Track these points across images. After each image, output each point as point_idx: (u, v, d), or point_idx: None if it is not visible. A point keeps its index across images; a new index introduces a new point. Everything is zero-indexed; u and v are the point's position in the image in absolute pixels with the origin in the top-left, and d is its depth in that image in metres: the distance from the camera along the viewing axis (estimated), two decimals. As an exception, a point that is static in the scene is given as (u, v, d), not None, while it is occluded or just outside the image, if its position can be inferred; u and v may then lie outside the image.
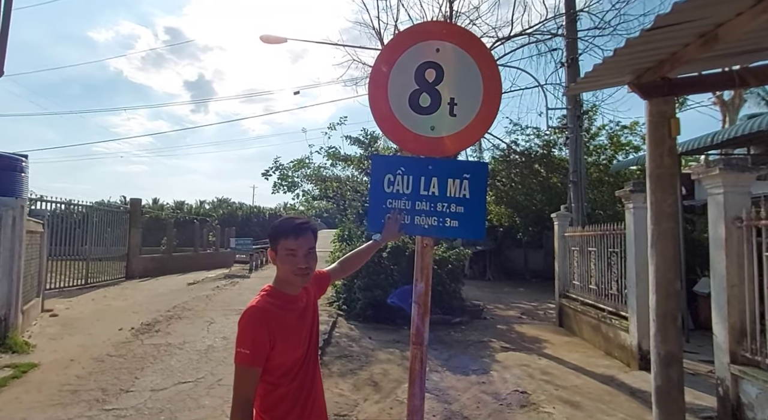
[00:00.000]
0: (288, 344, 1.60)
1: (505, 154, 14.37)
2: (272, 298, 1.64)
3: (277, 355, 1.56)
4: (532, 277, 17.95)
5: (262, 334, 1.53)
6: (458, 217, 2.24)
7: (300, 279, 1.65)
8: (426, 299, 2.28)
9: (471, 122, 2.25)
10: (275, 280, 1.69)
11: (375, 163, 2.34)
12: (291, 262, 1.62)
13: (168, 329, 7.17)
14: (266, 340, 1.53)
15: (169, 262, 16.76)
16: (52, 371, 5.10)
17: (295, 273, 1.63)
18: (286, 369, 1.61)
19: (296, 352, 1.64)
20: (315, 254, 1.70)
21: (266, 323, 1.55)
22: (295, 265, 1.62)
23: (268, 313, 1.57)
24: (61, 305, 9.22)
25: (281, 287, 1.67)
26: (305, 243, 1.65)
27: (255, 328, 1.54)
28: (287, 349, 1.60)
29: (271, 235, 1.70)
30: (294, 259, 1.62)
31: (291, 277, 1.64)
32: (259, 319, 1.55)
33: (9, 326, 6.07)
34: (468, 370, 5.67)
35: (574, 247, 8.15)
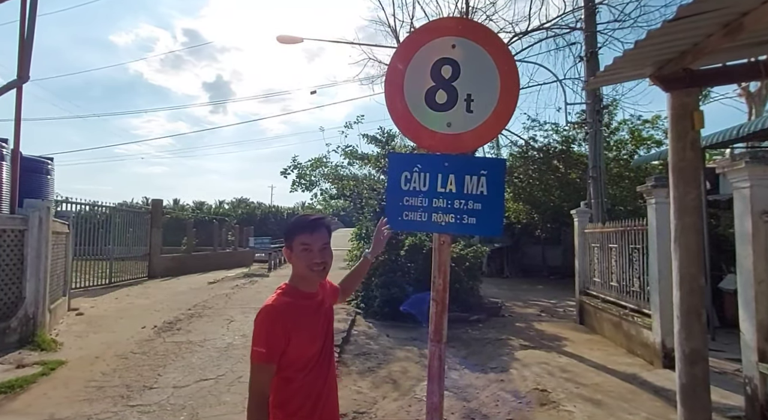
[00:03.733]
0: (304, 339, 1.60)
1: (523, 151, 14.23)
2: (288, 296, 1.64)
3: (292, 350, 1.56)
4: (551, 274, 17.74)
5: (276, 332, 1.54)
6: (476, 214, 2.23)
7: (316, 274, 1.66)
8: (444, 296, 2.27)
9: (488, 118, 2.23)
10: (291, 278, 1.70)
11: (392, 161, 2.34)
12: (307, 258, 1.63)
13: (189, 327, 7.30)
14: (281, 337, 1.54)
15: (189, 262, 17.04)
16: (78, 368, 5.24)
17: (311, 268, 1.64)
18: (302, 364, 1.61)
19: (312, 348, 1.64)
20: (330, 251, 1.71)
21: (281, 321, 1.55)
22: (311, 259, 1.63)
23: (284, 311, 1.58)
24: (87, 304, 9.45)
25: (297, 284, 1.68)
26: (320, 238, 1.66)
27: (270, 326, 1.55)
28: (303, 344, 1.60)
29: (287, 233, 1.71)
30: (310, 254, 1.63)
31: (307, 273, 1.65)
32: (274, 318, 1.56)
33: (37, 324, 6.26)
34: (486, 367, 5.64)
35: (594, 243, 8.02)
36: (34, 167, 8.25)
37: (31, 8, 7.31)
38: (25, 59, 7.32)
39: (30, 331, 6.14)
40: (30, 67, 7.41)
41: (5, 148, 7.24)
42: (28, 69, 7.38)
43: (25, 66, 7.33)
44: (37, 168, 8.37)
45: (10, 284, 6.04)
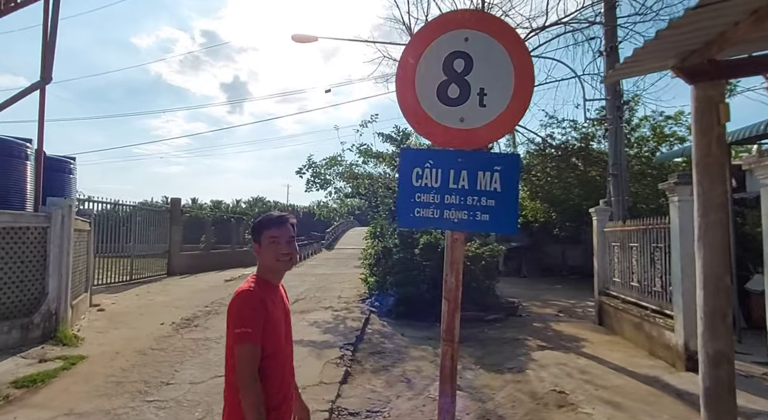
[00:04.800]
0: (273, 325, 1.69)
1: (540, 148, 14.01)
2: (258, 285, 1.72)
3: (266, 334, 1.65)
4: (570, 273, 17.45)
5: (257, 315, 1.62)
6: (489, 210, 2.18)
7: (283, 265, 1.78)
8: (456, 294, 2.22)
9: (502, 113, 2.17)
10: (258, 270, 1.80)
11: (403, 157, 2.30)
12: (275, 250, 1.75)
13: (206, 324, 7.38)
14: (261, 320, 1.63)
15: (207, 259, 17.28)
16: (98, 363, 5.34)
17: (278, 259, 1.75)
18: (272, 350, 1.69)
19: (280, 335, 1.74)
20: (295, 244, 1.84)
21: (258, 304, 1.65)
22: (279, 251, 1.75)
23: (258, 296, 1.67)
24: (108, 300, 9.65)
25: (264, 276, 1.78)
26: (286, 232, 1.79)
27: (250, 309, 1.63)
28: (273, 330, 1.69)
29: (256, 228, 1.81)
30: (278, 247, 1.75)
31: (275, 264, 1.76)
32: (252, 301, 1.65)
33: (59, 320, 6.41)
34: (503, 368, 5.56)
35: (615, 242, 7.84)
36: (57, 166, 8.46)
37: (53, 11, 7.48)
38: (48, 61, 7.49)
39: (52, 327, 6.29)
40: (53, 68, 7.58)
41: (29, 148, 7.43)
42: (51, 70, 7.55)
43: (48, 67, 7.51)
44: (60, 167, 8.58)
45: (33, 280, 6.19)
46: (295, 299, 9.77)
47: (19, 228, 6.03)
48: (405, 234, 9.43)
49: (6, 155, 6.89)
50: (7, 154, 6.92)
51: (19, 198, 7.11)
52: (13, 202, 6.93)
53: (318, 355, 5.72)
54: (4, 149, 6.85)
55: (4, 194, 6.88)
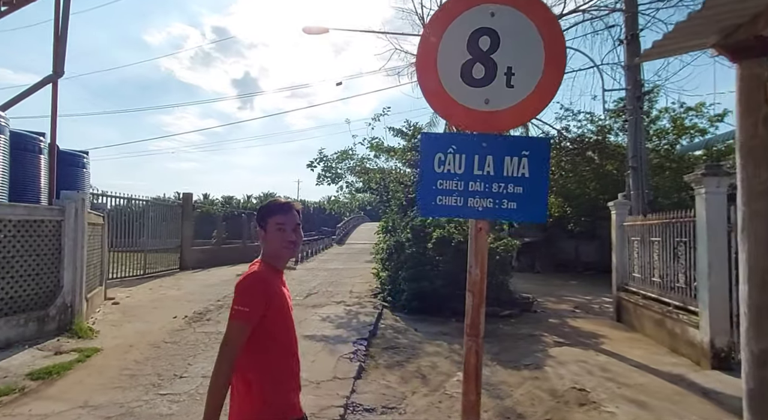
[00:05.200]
0: (279, 307, 1.71)
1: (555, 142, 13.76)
2: (264, 269, 1.74)
3: (271, 314, 1.66)
4: (584, 269, 17.17)
5: (259, 298, 1.63)
6: (516, 198, 2.05)
7: (288, 251, 1.79)
8: (481, 287, 2.11)
9: (531, 94, 2.04)
10: (263, 255, 1.79)
11: (424, 142, 2.17)
12: (281, 237, 1.75)
13: (218, 318, 7.35)
14: (263, 301, 1.64)
15: (219, 254, 17.34)
16: (112, 356, 5.32)
17: (284, 246, 1.76)
18: (279, 330, 1.72)
19: (285, 317, 1.76)
20: (301, 232, 1.83)
21: (263, 286, 1.67)
22: (284, 238, 1.75)
23: (264, 279, 1.70)
24: (122, 294, 9.70)
25: (269, 261, 1.78)
26: (293, 219, 1.78)
27: (254, 291, 1.64)
28: (279, 311, 1.71)
29: (262, 214, 1.79)
30: (283, 234, 1.75)
31: (280, 251, 1.77)
32: (258, 283, 1.66)
33: (74, 312, 6.41)
34: (520, 364, 5.42)
35: (634, 237, 7.63)
36: (71, 160, 8.49)
37: (64, 5, 7.47)
38: (60, 55, 7.49)
39: (68, 319, 6.30)
40: (65, 62, 7.58)
41: (43, 141, 7.44)
42: (62, 64, 7.55)
43: (60, 61, 7.51)
44: (74, 161, 8.61)
45: (48, 273, 6.20)
46: (307, 294, 9.72)
47: (34, 221, 6.03)
48: (417, 228, 9.31)
49: (20, 149, 6.90)
50: (20, 148, 6.93)
51: (33, 192, 7.13)
52: (28, 195, 6.96)
53: (331, 351, 5.63)
54: (17, 143, 6.85)
55: (20, 188, 6.90)
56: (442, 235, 8.54)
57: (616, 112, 10.92)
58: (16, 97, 7.56)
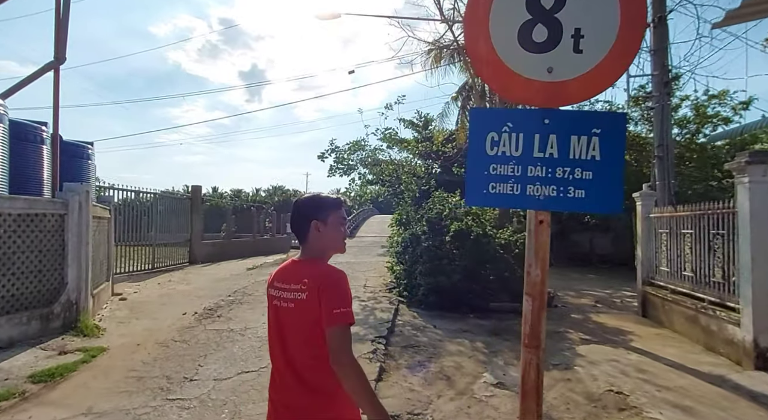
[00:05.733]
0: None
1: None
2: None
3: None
4: (600, 262, 16.82)
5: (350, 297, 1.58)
6: (585, 185, 1.73)
7: (343, 247, 1.75)
8: (542, 290, 1.80)
9: (603, 60, 1.71)
10: (315, 251, 1.68)
11: (474, 119, 1.85)
12: (340, 232, 1.72)
13: (229, 314, 7.11)
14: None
15: (228, 248, 17.14)
16: (119, 356, 5.08)
17: (342, 240, 1.74)
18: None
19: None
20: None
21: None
22: (343, 233, 1.74)
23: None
24: (130, 289, 9.50)
25: (323, 256, 1.70)
26: (345, 215, 1.80)
27: (348, 290, 1.58)
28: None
29: (323, 207, 1.70)
30: (343, 228, 1.74)
31: (339, 245, 1.73)
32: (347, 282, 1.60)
33: (80, 310, 6.19)
34: (548, 364, 5.11)
35: (662, 229, 7.26)
36: (75, 152, 8.24)
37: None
38: (61, 40, 7.21)
39: (73, 317, 6.08)
40: (66, 48, 7.31)
41: (45, 131, 7.19)
42: (64, 50, 7.28)
43: (62, 47, 7.23)
44: (78, 152, 8.35)
45: (52, 270, 5.97)
46: (319, 288, 9.45)
47: (35, 215, 5.78)
48: (433, 221, 8.98)
49: (20, 139, 6.65)
50: (21, 138, 6.68)
51: (35, 184, 6.89)
52: (30, 188, 6.72)
53: (348, 349, 5.35)
54: (18, 133, 6.60)
55: (21, 180, 6.66)
56: (460, 227, 8.21)
57: (642, 99, 10.45)
58: (17, 84, 7.30)
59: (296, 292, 1.56)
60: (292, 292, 1.57)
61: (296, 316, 1.56)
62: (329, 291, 1.51)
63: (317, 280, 1.53)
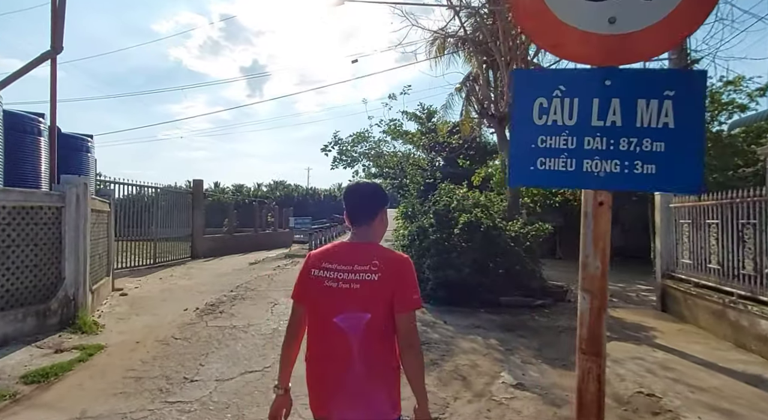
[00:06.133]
0: None
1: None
2: None
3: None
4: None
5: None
6: (656, 159, 1.44)
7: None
8: (602, 285, 1.51)
9: (677, 7, 1.41)
10: (375, 238, 1.75)
11: (519, 82, 1.56)
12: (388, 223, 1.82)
13: (232, 310, 6.86)
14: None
15: (230, 242, 16.93)
16: (117, 355, 4.84)
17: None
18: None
19: None
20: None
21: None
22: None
23: None
24: (131, 284, 9.27)
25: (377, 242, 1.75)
26: None
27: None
28: None
29: (386, 199, 1.79)
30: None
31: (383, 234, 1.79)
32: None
33: (78, 306, 5.95)
34: (568, 362, 4.83)
35: (684, 219, 6.95)
36: (74, 144, 7.98)
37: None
38: (58, 30, 6.92)
39: (71, 313, 5.84)
40: (63, 38, 7.02)
41: (42, 122, 6.93)
42: (61, 40, 6.99)
43: (58, 37, 6.94)
44: (77, 145, 8.10)
45: (48, 264, 5.72)
46: (325, 283, 9.19)
47: (30, 208, 5.53)
48: (441, 213, 8.69)
49: (16, 130, 6.40)
50: (18, 129, 6.42)
51: (33, 177, 6.65)
52: (27, 181, 6.48)
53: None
54: (13, 123, 6.34)
55: (18, 173, 6.43)
56: (470, 220, 7.92)
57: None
58: (12, 75, 7.01)
59: (365, 274, 1.55)
60: (357, 273, 1.56)
61: (362, 296, 1.55)
62: (406, 276, 1.58)
63: (392, 264, 1.58)
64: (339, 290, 1.58)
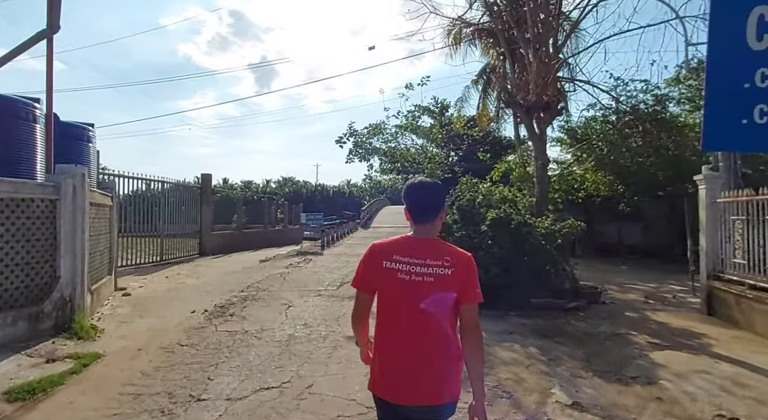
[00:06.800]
0: None
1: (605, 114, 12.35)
2: None
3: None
4: (628, 253, 15.82)
5: None
6: None
7: None
8: None
9: None
10: (435, 233, 1.81)
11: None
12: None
13: (243, 313, 6.34)
14: None
15: (239, 239, 16.46)
16: (115, 364, 4.33)
17: None
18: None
19: None
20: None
21: None
22: None
23: None
24: (135, 283, 8.80)
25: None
26: None
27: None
28: None
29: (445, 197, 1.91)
30: None
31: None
32: None
33: (75, 308, 5.45)
34: (624, 376, 4.26)
35: (735, 216, 6.33)
36: (73, 133, 7.47)
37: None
38: (54, 7, 6.41)
39: (67, 317, 5.35)
40: (60, 16, 6.51)
41: (38, 108, 6.43)
42: (58, 18, 6.48)
43: (55, 15, 6.43)
44: (77, 134, 7.59)
45: (42, 262, 5.23)
46: (340, 283, 8.66)
47: (21, 200, 5.03)
48: (465, 208, 8.12)
49: (9, 115, 5.91)
50: (10, 115, 5.94)
51: (27, 166, 6.15)
52: (21, 171, 5.97)
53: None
54: (6, 108, 5.85)
55: (11, 161, 5.93)
56: (498, 215, 7.34)
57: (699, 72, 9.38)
58: (5, 56, 6.53)
59: (438, 268, 1.67)
60: (430, 267, 1.67)
61: (435, 288, 1.66)
62: (473, 272, 1.72)
63: (462, 260, 1.70)
64: (411, 282, 1.67)
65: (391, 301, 1.71)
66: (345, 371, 4.09)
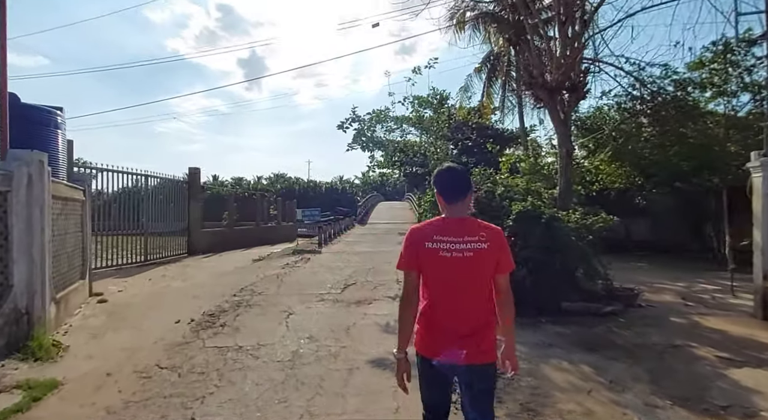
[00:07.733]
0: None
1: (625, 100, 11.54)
2: None
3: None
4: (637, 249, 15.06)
5: None
6: None
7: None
8: None
9: None
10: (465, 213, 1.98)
11: None
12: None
13: (236, 323, 5.44)
14: None
15: (231, 237, 15.50)
16: (75, 398, 3.42)
17: None
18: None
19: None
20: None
21: None
22: None
23: None
24: (115, 287, 7.85)
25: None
26: None
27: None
28: None
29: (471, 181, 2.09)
30: None
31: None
32: None
33: (33, 322, 4.53)
34: (710, 403, 3.44)
35: (802, 207, 5.53)
36: (37, 117, 6.48)
37: None
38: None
39: (22, 333, 4.42)
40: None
41: (-12, 85, 5.43)
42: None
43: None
44: (42, 119, 6.59)
45: (-12, 268, 4.29)
46: (344, 285, 7.78)
47: (-40, 191, 4.09)
48: (484, 202, 7.28)
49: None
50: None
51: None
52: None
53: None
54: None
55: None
56: (525, 209, 6.48)
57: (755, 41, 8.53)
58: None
59: (476, 243, 1.86)
60: (469, 243, 1.86)
61: (476, 262, 1.86)
62: (505, 245, 1.95)
63: (495, 234, 1.92)
64: (453, 259, 1.85)
65: (437, 278, 1.90)
66: (368, 407, 3.20)
